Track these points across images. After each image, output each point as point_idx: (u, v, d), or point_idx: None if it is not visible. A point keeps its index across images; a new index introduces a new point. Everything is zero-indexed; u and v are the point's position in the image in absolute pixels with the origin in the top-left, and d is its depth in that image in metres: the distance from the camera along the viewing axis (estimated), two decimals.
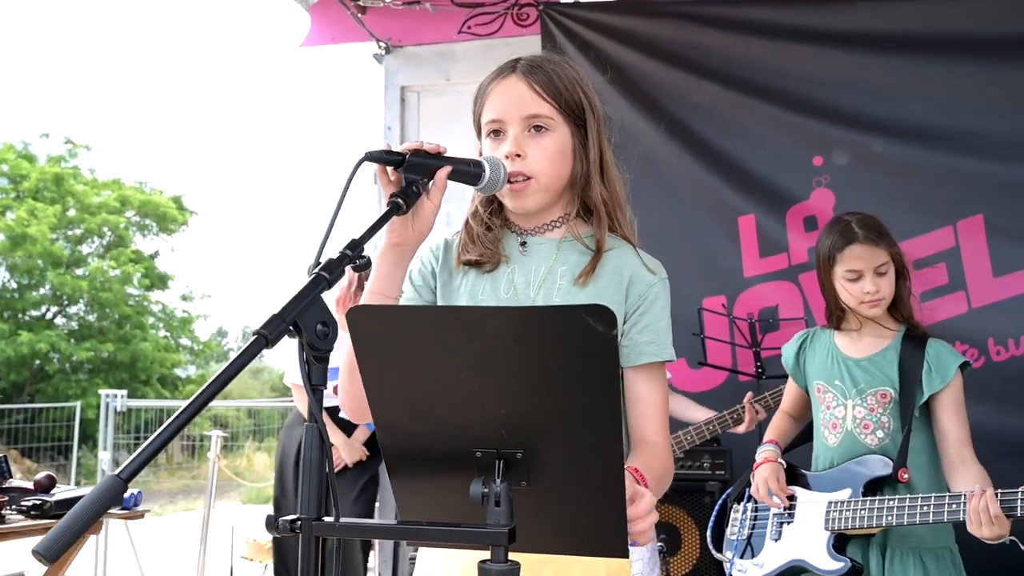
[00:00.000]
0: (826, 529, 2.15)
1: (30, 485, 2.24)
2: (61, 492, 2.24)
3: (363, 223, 1.13)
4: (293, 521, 0.97)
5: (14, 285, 20.01)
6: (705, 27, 3.77)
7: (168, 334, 21.70)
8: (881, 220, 2.30)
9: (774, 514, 2.27)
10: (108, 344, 19.29)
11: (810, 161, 3.64)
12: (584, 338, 0.84)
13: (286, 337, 0.98)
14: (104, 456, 5.90)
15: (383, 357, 0.93)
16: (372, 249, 1.22)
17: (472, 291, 1.40)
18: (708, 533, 2.48)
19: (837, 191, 3.59)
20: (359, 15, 4.12)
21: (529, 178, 1.35)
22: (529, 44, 4.03)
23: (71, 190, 20.40)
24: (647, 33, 3.86)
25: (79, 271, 20.39)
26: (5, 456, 2.14)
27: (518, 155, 1.35)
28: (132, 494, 2.47)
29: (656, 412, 1.37)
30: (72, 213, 20.53)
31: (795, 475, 2.28)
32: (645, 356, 1.36)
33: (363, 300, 1.30)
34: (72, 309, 20.84)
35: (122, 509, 2.42)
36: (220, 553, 5.52)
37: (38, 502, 2.13)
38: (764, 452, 2.32)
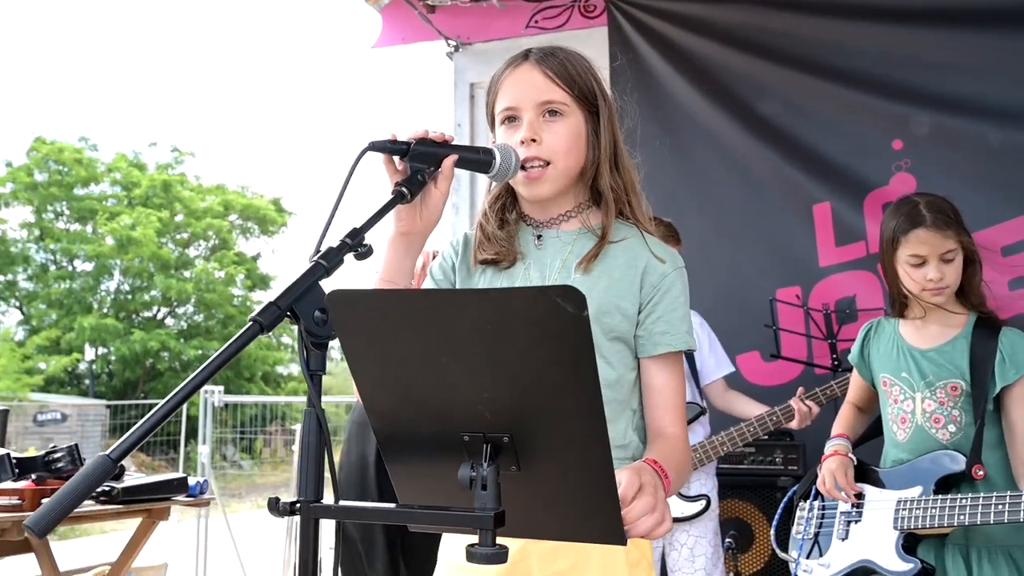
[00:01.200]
0: (895, 528, 2.06)
1: None
2: (129, 480, 2.35)
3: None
4: (292, 503, 1.00)
5: (126, 287, 21.08)
6: (775, 10, 3.66)
7: (270, 333, 22.45)
8: (957, 204, 2.14)
9: (841, 512, 2.19)
10: (214, 342, 20.10)
11: (889, 145, 3.49)
12: (555, 319, 0.84)
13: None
14: (203, 450, 6.11)
15: (365, 342, 0.94)
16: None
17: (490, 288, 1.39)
18: (772, 532, 2.41)
19: (919, 175, 3.43)
20: (428, 15, 4.18)
21: (546, 164, 1.34)
22: (596, 36, 4.01)
23: (178, 196, 21.34)
24: (716, 19, 3.78)
25: (186, 273, 21.29)
26: (76, 445, 2.27)
27: (533, 140, 1.34)
28: (199, 482, 2.57)
29: (672, 402, 1.34)
30: (179, 218, 21.47)
31: (864, 472, 2.19)
32: (660, 346, 1.34)
33: (374, 287, 1.32)
34: (180, 310, 21.80)
35: (188, 496, 2.53)
36: None
37: (107, 489, 2.25)
38: (833, 445, 2.23)
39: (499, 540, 1.23)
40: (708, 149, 3.79)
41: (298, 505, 0.99)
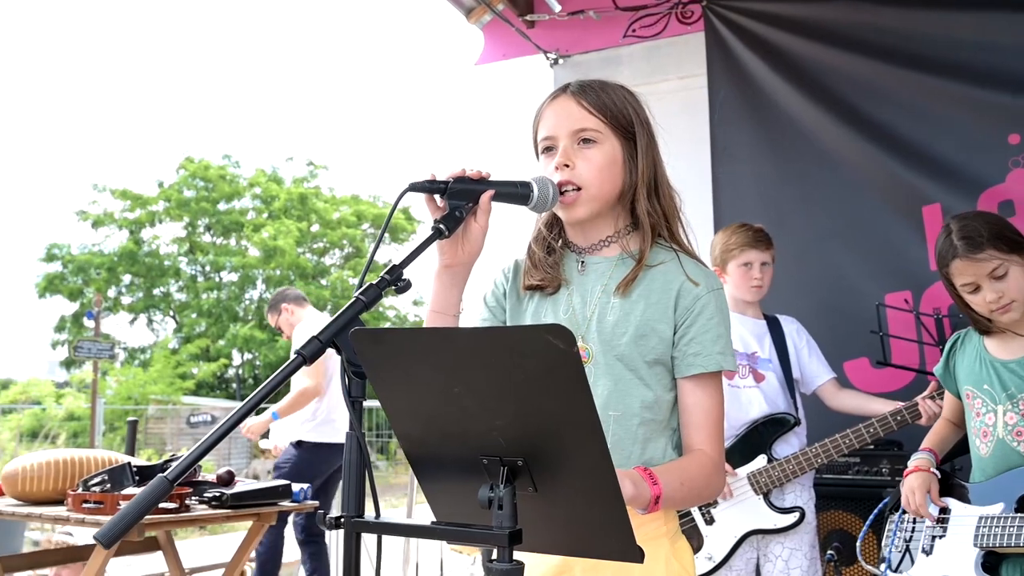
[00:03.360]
0: (975, 546, 1.99)
1: (213, 479, 2.57)
2: (239, 486, 2.55)
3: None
4: (336, 518, 1.10)
5: (268, 296, 22.19)
6: (878, 6, 3.55)
7: None
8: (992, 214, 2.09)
9: (928, 526, 2.13)
10: None
11: (1005, 140, 3.33)
12: (547, 355, 0.90)
13: None
14: None
15: (388, 374, 1.03)
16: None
17: (535, 314, 1.46)
18: (858, 544, 2.36)
19: None
20: (527, 30, 4.27)
21: (579, 188, 1.40)
22: (693, 42, 4.00)
23: (314, 207, 22.34)
24: (816, 19, 3.69)
25: (323, 281, 22.26)
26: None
27: (567, 165, 1.40)
28: (302, 489, 2.75)
29: (704, 422, 1.37)
30: (315, 228, 22.47)
31: (951, 486, 2.13)
32: (693, 367, 1.38)
33: (425, 318, 1.41)
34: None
35: (292, 501, 2.71)
36: (430, 545, 5.84)
37: (217, 494, 2.44)
38: (915, 460, 2.18)
39: (537, 555, 1.31)
40: (810, 151, 3.71)
41: (342, 519, 1.10)
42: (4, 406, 15.39)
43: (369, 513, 1.10)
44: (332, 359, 4.64)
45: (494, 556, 1.01)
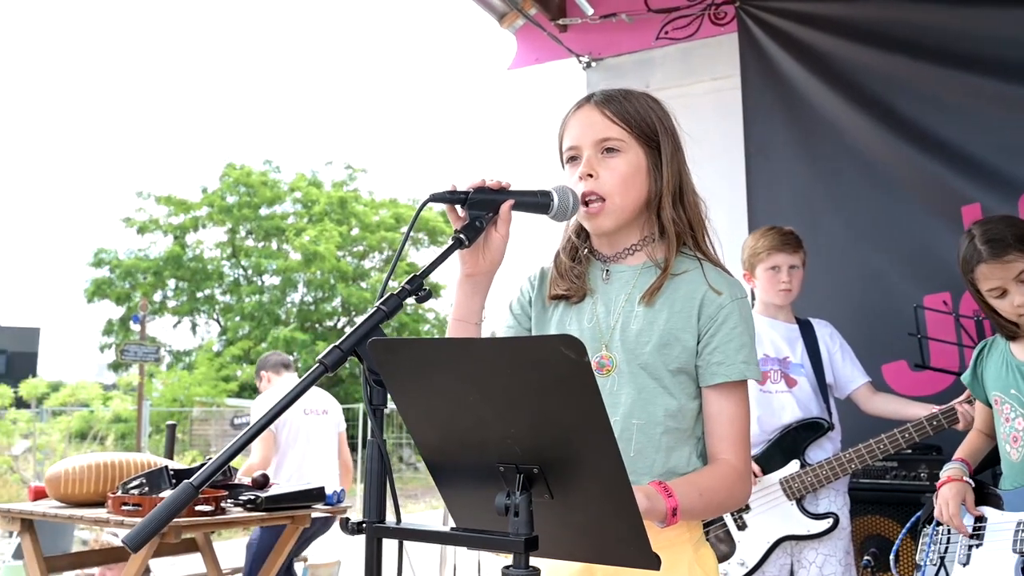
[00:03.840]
0: (1015, 552, 1.96)
1: (249, 482, 2.62)
2: (273, 490, 2.59)
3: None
4: (359, 523, 1.12)
5: (309, 299, 22.48)
6: (913, 3, 3.51)
7: None
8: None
9: (963, 537, 2.10)
10: None
11: None
12: (560, 365, 0.91)
13: None
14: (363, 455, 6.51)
15: (405, 383, 1.05)
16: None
17: (560, 323, 1.47)
18: (892, 556, 2.34)
19: None
20: (560, 34, 4.28)
21: (603, 199, 1.40)
22: (726, 43, 3.98)
23: (353, 211, 22.55)
24: (851, 17, 3.66)
25: (363, 284, 22.45)
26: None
27: (590, 175, 1.41)
28: (336, 492, 2.78)
29: (728, 431, 1.37)
30: (355, 232, 22.66)
31: (985, 495, 2.10)
32: (717, 376, 1.38)
33: (449, 326, 1.42)
34: (359, 319, 23.04)
35: (325, 504, 2.75)
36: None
37: (252, 497, 2.49)
38: (948, 471, 2.15)
39: (558, 561, 1.32)
40: (846, 152, 3.67)
41: (364, 525, 1.12)
42: (54, 408, 15.77)
43: (390, 519, 1.12)
44: (290, 423, 4.63)
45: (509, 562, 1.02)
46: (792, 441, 2.65)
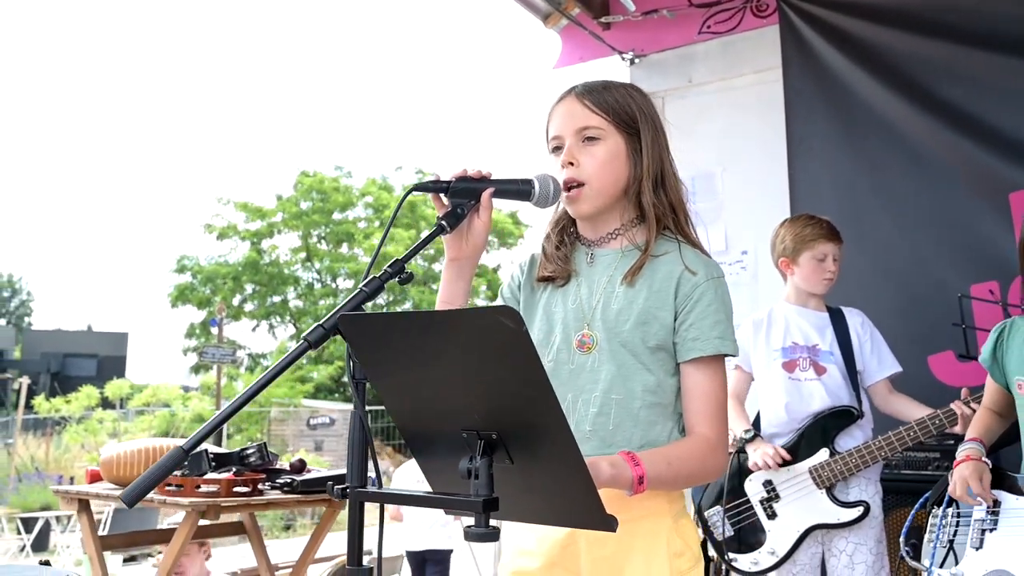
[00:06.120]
0: None
1: (287, 467, 2.74)
2: (310, 474, 2.70)
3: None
4: (343, 488, 1.21)
5: (381, 301, 22.87)
6: None
7: None
8: None
9: (976, 520, 2.08)
10: None
11: None
12: (499, 334, 0.97)
13: None
14: None
15: (374, 355, 1.13)
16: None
17: (547, 305, 1.54)
18: (902, 538, 2.32)
19: None
20: (602, 33, 4.33)
21: (582, 184, 1.47)
22: (768, 35, 3.96)
23: (423, 215, 22.85)
24: (892, 4, 3.61)
25: (433, 287, 22.75)
26: (264, 443, 2.66)
27: (571, 163, 1.47)
28: (371, 478, 2.87)
29: (702, 405, 1.41)
30: (424, 235, 22.96)
31: (1001, 477, 2.07)
32: (692, 352, 1.42)
33: (436, 307, 1.50)
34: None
35: None
36: None
37: (289, 480, 2.61)
38: (965, 450, 2.13)
39: (544, 528, 1.38)
40: (889, 141, 3.62)
41: (347, 489, 1.20)
42: (137, 408, 16.45)
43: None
44: None
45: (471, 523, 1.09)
46: (822, 429, 2.65)
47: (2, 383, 23.39)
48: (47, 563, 2.67)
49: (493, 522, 1.09)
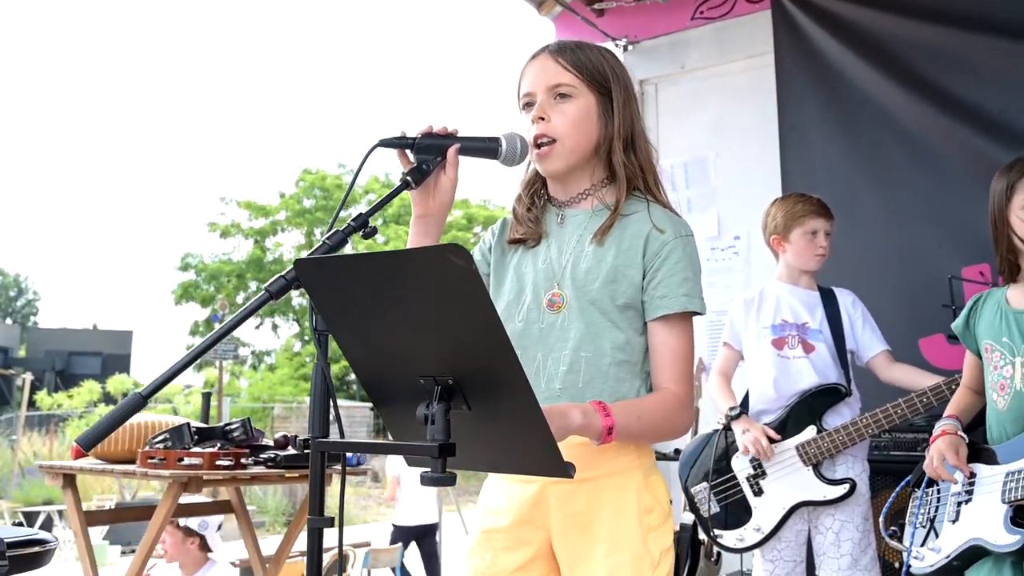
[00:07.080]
0: (1003, 502, 1.93)
1: (271, 443, 2.74)
2: (291, 451, 2.70)
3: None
4: (304, 439, 1.21)
5: None
6: None
7: None
8: None
9: (952, 495, 2.07)
10: None
11: None
12: (447, 273, 0.97)
13: None
14: None
15: (330, 300, 1.13)
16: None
17: (517, 267, 1.54)
18: (881, 519, 2.31)
19: None
20: (595, 19, 4.32)
21: (553, 141, 1.46)
22: (761, 21, 3.96)
23: None
24: None
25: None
26: (248, 419, 2.67)
27: (542, 119, 1.47)
28: (356, 455, 2.88)
29: (670, 362, 1.41)
30: None
31: (976, 451, 2.07)
32: (660, 309, 1.43)
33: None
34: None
35: (348, 465, 2.84)
36: None
37: (272, 456, 2.61)
38: (942, 426, 2.12)
39: (521, 482, 1.37)
40: (882, 125, 3.61)
41: (308, 440, 1.20)
42: None
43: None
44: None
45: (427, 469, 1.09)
46: (809, 407, 2.64)
47: (7, 380, 23.47)
48: None
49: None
